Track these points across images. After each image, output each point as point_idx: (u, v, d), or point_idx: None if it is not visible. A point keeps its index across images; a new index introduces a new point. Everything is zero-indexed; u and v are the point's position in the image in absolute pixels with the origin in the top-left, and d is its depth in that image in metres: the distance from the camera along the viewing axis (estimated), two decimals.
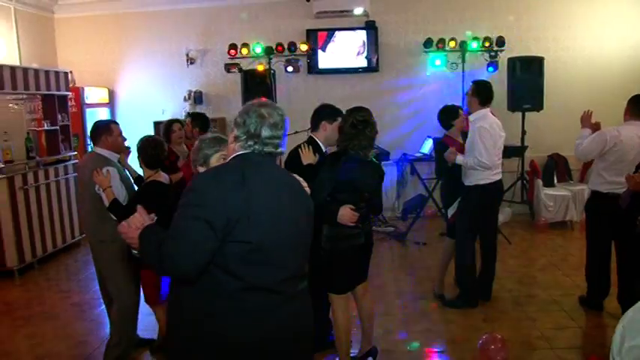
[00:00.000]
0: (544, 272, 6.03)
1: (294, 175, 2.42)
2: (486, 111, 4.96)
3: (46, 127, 7.20)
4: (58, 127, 7.31)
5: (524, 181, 8.10)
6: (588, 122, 4.95)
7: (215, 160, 2.84)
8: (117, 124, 4.37)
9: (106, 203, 3.81)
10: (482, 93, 4.96)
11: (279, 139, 2.21)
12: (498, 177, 5.03)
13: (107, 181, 3.85)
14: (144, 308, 4.38)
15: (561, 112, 8.07)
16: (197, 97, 8.57)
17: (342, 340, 3.78)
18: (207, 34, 8.62)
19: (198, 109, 8.50)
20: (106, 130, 4.18)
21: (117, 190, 3.88)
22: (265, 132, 2.16)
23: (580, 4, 8.34)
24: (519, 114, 7.76)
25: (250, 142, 2.17)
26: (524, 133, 7.76)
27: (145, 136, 4.08)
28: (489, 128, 4.82)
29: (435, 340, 4.49)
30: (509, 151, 7.52)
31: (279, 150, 2.23)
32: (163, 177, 3.98)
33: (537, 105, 7.64)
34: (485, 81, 5.16)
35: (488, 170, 4.87)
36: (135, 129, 6.03)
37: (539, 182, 7.90)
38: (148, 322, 4.68)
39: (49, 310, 5.46)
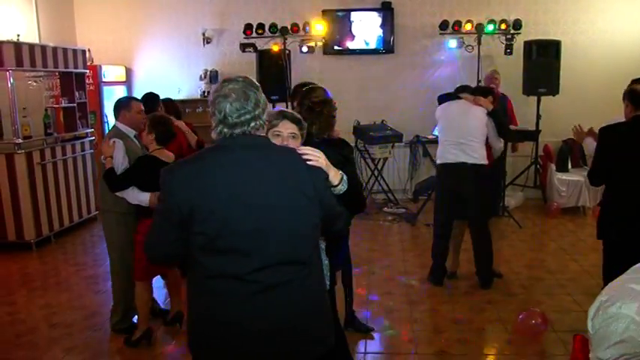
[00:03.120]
0: (552, 256, 6.05)
1: (305, 150, 2.17)
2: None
3: (63, 104, 7.33)
4: (75, 105, 7.43)
5: (538, 166, 8.07)
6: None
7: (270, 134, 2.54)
8: (139, 101, 4.54)
9: None
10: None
11: (249, 113, 2.01)
12: (456, 159, 5.01)
13: (110, 150, 4.02)
14: (159, 282, 4.68)
15: (577, 96, 8.02)
16: (213, 77, 8.63)
17: None
18: (223, 13, 8.65)
19: (214, 88, 8.55)
20: (126, 105, 4.35)
21: (117, 161, 4.03)
22: (230, 111, 2.00)
23: None
24: (534, 98, 7.71)
25: (220, 128, 2.03)
26: (538, 117, 7.71)
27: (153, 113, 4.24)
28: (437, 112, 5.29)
29: (438, 320, 4.55)
30: (522, 135, 7.55)
31: (252, 126, 2.03)
32: (166, 154, 4.04)
33: (553, 89, 7.56)
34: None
35: (442, 149, 5.13)
36: None
37: (553, 167, 7.87)
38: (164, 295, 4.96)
39: (64, 282, 5.63)
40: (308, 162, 2.11)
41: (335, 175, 2.26)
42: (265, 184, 2.00)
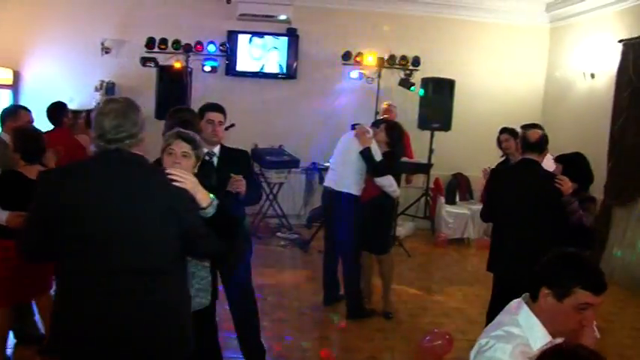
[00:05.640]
0: (439, 285, 6.29)
1: (173, 171, 2.30)
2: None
3: None
4: None
5: (428, 198, 8.39)
6: None
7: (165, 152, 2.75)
8: (28, 111, 4.28)
9: None
10: None
11: (126, 131, 2.22)
12: (326, 183, 5.35)
13: None
14: None
15: (467, 134, 8.44)
16: (109, 88, 8.27)
17: None
18: (124, 24, 8.36)
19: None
20: (12, 114, 4.12)
21: None
22: (107, 126, 2.21)
23: (487, 35, 8.81)
24: (428, 132, 8.04)
25: (97, 142, 2.25)
26: (431, 151, 8.04)
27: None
28: None
29: (328, 348, 4.57)
30: (415, 168, 7.85)
31: (127, 143, 2.23)
32: (35, 171, 3.33)
33: (446, 125, 7.93)
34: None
35: None
36: (41, 115, 5.74)
37: (442, 199, 8.24)
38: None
39: None
40: (173, 182, 2.26)
41: (203, 199, 2.38)
42: (127, 196, 2.20)
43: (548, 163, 4.21)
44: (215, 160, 3.68)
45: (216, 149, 3.72)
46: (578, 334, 2.09)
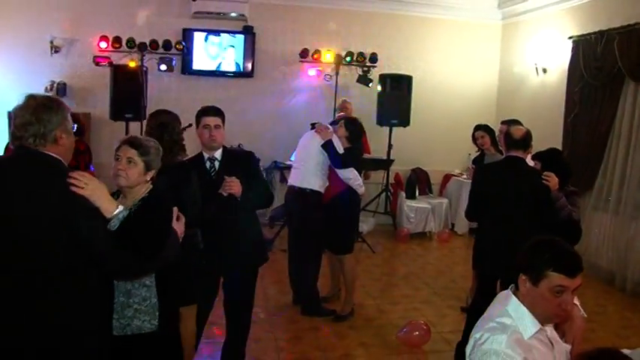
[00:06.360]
0: (405, 280, 6.36)
1: (75, 175, 2.17)
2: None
3: None
4: None
5: (389, 193, 8.47)
6: None
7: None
8: None
9: None
10: None
11: (34, 130, 2.16)
12: (290, 182, 5.32)
13: None
14: None
15: (425, 129, 8.59)
16: (60, 89, 7.99)
17: None
18: (76, 22, 8.08)
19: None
20: None
21: None
22: (16, 123, 2.18)
23: (442, 32, 8.97)
24: (387, 129, 8.11)
25: (11, 139, 2.23)
26: (390, 147, 8.11)
27: None
28: None
29: (303, 347, 4.56)
30: (375, 164, 7.91)
31: (31, 142, 2.17)
32: None
33: (404, 121, 8.01)
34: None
35: None
36: None
37: (402, 194, 8.33)
38: None
39: None
40: (71, 187, 2.13)
41: (106, 208, 2.22)
42: (18, 198, 2.12)
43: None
44: (217, 164, 3.62)
45: (218, 153, 3.65)
46: (564, 318, 2.18)
